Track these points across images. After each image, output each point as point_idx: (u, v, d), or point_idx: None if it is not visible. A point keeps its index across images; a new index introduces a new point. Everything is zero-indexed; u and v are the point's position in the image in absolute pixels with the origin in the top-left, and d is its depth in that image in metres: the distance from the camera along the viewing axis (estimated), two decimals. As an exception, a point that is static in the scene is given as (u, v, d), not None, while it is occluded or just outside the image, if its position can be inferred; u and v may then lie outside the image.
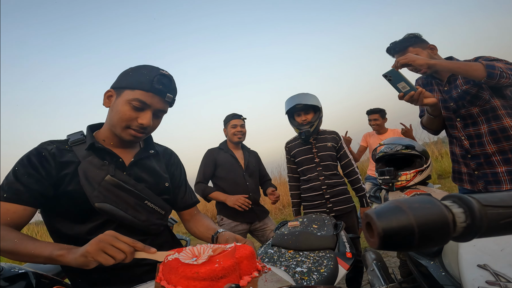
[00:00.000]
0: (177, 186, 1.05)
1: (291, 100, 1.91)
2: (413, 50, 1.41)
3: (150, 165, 0.95)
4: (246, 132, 2.21)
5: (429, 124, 1.51)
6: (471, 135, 1.36)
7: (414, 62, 1.25)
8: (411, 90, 1.25)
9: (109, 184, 0.82)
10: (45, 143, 0.85)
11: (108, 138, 0.90)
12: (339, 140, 1.96)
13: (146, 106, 0.84)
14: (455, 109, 1.38)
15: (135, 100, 0.83)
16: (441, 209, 0.30)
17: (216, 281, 0.56)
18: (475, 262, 0.67)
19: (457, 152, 1.46)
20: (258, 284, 0.60)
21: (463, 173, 1.46)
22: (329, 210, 1.86)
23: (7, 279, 0.89)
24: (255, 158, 2.30)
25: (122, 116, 0.84)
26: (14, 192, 0.75)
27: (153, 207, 0.90)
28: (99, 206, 0.80)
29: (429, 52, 1.41)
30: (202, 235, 1.01)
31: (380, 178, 1.62)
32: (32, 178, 0.77)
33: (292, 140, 2.06)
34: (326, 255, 1.13)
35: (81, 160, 0.83)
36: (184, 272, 0.56)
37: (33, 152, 0.81)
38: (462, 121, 1.38)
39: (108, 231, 0.67)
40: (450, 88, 1.40)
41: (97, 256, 0.63)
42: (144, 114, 0.85)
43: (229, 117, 2.20)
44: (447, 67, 1.26)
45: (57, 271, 1.49)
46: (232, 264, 0.59)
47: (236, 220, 2.05)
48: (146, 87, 0.83)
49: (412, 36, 1.45)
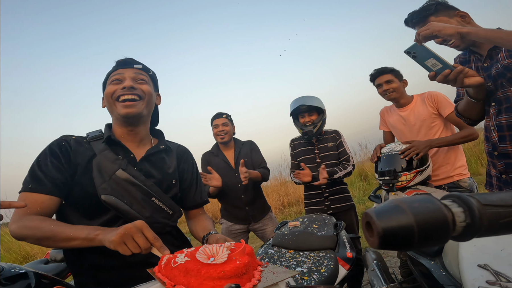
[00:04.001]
0: (188, 184, 1.06)
1: (296, 102, 1.96)
2: (435, 20, 1.15)
3: (160, 160, 0.97)
4: (230, 130, 2.07)
5: (468, 112, 1.22)
6: (502, 124, 1.07)
7: (440, 32, 0.97)
8: (445, 68, 0.99)
9: (119, 178, 0.85)
10: (65, 136, 0.90)
11: (119, 135, 0.94)
12: (338, 138, 2.00)
13: (122, 77, 0.93)
14: (492, 90, 1.09)
15: (113, 77, 0.92)
16: (440, 208, 0.30)
17: (240, 278, 0.58)
18: (475, 262, 0.66)
19: (485, 148, 1.20)
20: (268, 276, 0.63)
21: (492, 176, 1.19)
22: (327, 208, 1.90)
23: (7, 279, 0.89)
24: (247, 148, 2.14)
25: (108, 94, 0.91)
26: (39, 182, 0.79)
27: (160, 205, 0.91)
28: (104, 198, 0.82)
29: (459, 20, 1.13)
30: (198, 235, 1.02)
31: (380, 178, 1.62)
32: (54, 168, 0.82)
33: (297, 138, 2.11)
34: (327, 255, 1.13)
35: (97, 154, 0.87)
36: (209, 273, 0.57)
37: (54, 143, 0.87)
38: (496, 106, 1.09)
39: (138, 221, 0.70)
40: (491, 64, 1.10)
41: (118, 246, 0.67)
42: (124, 81, 0.92)
43: (213, 117, 2.11)
44: (485, 36, 0.95)
45: (58, 271, 1.49)
46: (249, 260, 0.62)
47: (232, 220, 2.06)
48: (113, 69, 0.95)
49: (433, 3, 1.18)
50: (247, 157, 2.10)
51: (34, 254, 4.73)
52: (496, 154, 1.11)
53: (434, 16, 1.16)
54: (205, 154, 2.17)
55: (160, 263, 0.66)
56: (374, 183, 5.46)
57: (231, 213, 2.05)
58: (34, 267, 1.27)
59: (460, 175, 1.70)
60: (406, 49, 1.04)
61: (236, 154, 2.10)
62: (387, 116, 1.99)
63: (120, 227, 0.69)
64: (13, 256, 4.59)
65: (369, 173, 5.84)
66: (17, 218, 0.76)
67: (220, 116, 2.09)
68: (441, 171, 1.72)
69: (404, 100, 1.83)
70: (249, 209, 2.02)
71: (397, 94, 1.80)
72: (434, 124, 1.72)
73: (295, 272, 0.67)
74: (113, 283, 0.84)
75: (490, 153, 1.15)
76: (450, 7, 1.15)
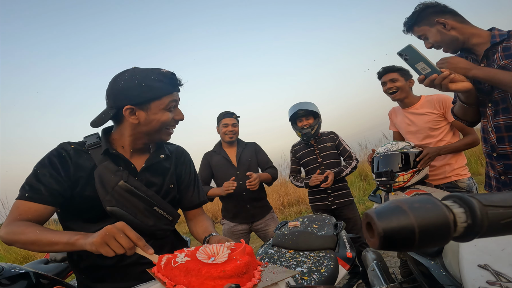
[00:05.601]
0: (185, 185, 1.05)
1: (294, 107, 2.12)
2: (418, 30, 1.18)
3: (160, 168, 0.97)
4: (238, 131, 2.13)
5: (462, 114, 1.23)
6: (500, 126, 1.07)
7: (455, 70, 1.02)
8: (433, 73, 1.01)
9: (122, 189, 0.85)
10: (64, 144, 0.89)
11: (120, 144, 0.92)
12: (336, 138, 2.16)
13: (177, 104, 0.92)
14: (489, 91, 1.09)
15: (169, 104, 0.88)
16: (441, 209, 0.30)
17: (241, 277, 0.58)
18: (475, 262, 0.66)
19: (483, 150, 1.20)
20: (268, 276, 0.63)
21: (491, 178, 1.19)
22: (331, 203, 2.05)
23: (7, 279, 0.89)
24: (251, 149, 2.17)
25: (166, 122, 0.89)
26: (36, 191, 0.80)
27: (162, 213, 0.92)
28: (110, 210, 0.84)
29: (440, 29, 1.14)
30: (199, 236, 1.02)
31: (378, 179, 1.61)
32: (53, 179, 0.81)
33: (297, 144, 2.26)
34: (327, 255, 1.13)
35: (98, 164, 0.86)
36: (210, 272, 0.57)
37: (54, 153, 0.85)
38: (493, 107, 1.09)
39: (119, 222, 0.70)
40: (487, 64, 1.10)
41: (100, 247, 0.67)
42: (176, 110, 0.92)
43: (221, 115, 2.11)
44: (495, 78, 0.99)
45: (58, 271, 1.49)
46: (249, 260, 0.62)
47: (234, 221, 2.05)
48: (169, 90, 0.88)
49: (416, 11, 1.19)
50: (251, 158, 2.12)
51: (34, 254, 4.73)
52: (495, 156, 1.11)
53: (416, 27, 1.19)
54: (207, 154, 2.18)
55: (159, 263, 0.66)
56: (374, 183, 5.46)
57: (233, 211, 2.05)
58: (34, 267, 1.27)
59: (459, 175, 1.70)
60: (399, 51, 1.07)
61: (239, 153, 2.11)
62: (394, 117, 1.97)
63: (101, 230, 0.69)
64: (13, 256, 4.59)
65: (369, 173, 5.84)
66: (6, 224, 0.78)
67: (231, 115, 2.09)
68: (440, 171, 1.73)
69: (409, 99, 1.79)
70: (250, 207, 2.02)
71: (401, 93, 1.76)
72: (438, 127, 1.71)
73: (295, 271, 0.67)
74: (112, 280, 0.86)
75: (489, 155, 1.15)
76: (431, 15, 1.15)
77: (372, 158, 1.72)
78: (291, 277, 0.66)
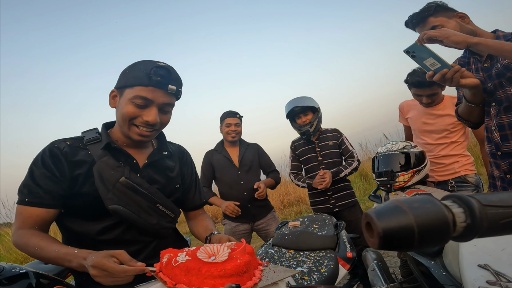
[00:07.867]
0: (187, 186, 1.04)
1: (289, 104, 2.01)
2: (434, 21, 1.15)
3: (163, 166, 0.95)
4: (241, 131, 2.13)
5: (467, 114, 1.21)
6: (503, 124, 1.07)
7: (448, 38, 0.96)
8: (443, 68, 0.98)
9: (123, 186, 0.82)
10: (56, 141, 0.83)
11: (121, 138, 0.89)
12: (339, 136, 2.05)
13: (149, 102, 0.81)
14: (492, 90, 1.09)
15: (136, 97, 0.79)
16: (441, 209, 0.30)
17: (241, 276, 0.58)
18: (475, 262, 0.66)
19: (487, 149, 1.19)
20: (269, 275, 0.63)
21: (496, 178, 1.17)
22: (332, 206, 1.93)
23: (7, 279, 0.89)
24: (253, 151, 2.16)
25: (126, 115, 0.81)
26: (35, 195, 0.77)
27: (164, 210, 0.90)
28: (112, 208, 0.80)
29: (458, 21, 1.13)
30: (200, 235, 1.01)
31: (378, 179, 1.61)
32: (49, 180, 0.78)
33: (297, 140, 2.13)
34: (327, 255, 1.13)
35: (97, 160, 0.82)
36: (210, 271, 0.57)
37: (46, 153, 0.80)
38: (497, 106, 1.09)
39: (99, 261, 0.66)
40: (491, 64, 1.09)
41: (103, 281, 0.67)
42: (149, 111, 0.81)
43: (225, 114, 2.11)
44: (494, 47, 0.95)
45: (58, 271, 1.49)
46: (249, 259, 0.62)
47: (235, 221, 2.05)
48: (144, 82, 0.79)
49: (432, 5, 1.18)
50: (253, 159, 2.12)
51: (35, 254, 4.72)
52: (500, 154, 1.10)
53: (433, 17, 1.16)
54: (208, 153, 2.17)
55: (160, 262, 0.66)
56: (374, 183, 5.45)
57: None
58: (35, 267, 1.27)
59: (467, 170, 1.72)
60: (405, 49, 1.04)
61: (241, 153, 2.11)
62: (406, 110, 1.90)
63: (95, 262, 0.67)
64: (14, 256, 4.60)
65: (369, 173, 5.84)
66: (13, 232, 0.78)
67: (234, 115, 2.09)
68: (449, 167, 1.75)
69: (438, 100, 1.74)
70: (251, 207, 2.02)
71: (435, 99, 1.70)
72: (456, 130, 1.73)
73: (295, 271, 0.67)
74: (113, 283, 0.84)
75: (493, 154, 1.14)
76: (449, 8, 1.16)
77: (373, 158, 1.72)
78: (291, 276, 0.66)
